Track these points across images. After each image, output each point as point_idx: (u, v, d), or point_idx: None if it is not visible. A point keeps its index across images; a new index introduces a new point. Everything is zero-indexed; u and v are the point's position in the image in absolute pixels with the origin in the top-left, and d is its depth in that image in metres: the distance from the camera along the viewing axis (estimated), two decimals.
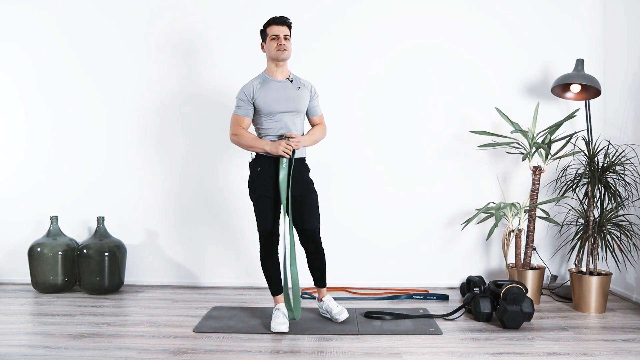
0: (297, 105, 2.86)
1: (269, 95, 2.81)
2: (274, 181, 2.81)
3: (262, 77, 2.87)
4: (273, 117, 2.82)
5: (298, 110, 2.87)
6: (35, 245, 3.58)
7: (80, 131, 3.83)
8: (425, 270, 3.79)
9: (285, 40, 2.81)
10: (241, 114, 2.84)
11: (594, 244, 3.25)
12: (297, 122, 2.88)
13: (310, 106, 2.97)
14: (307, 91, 2.93)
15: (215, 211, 3.80)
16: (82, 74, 3.81)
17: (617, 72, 3.64)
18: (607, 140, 3.60)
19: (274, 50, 2.81)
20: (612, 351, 2.52)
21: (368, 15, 3.76)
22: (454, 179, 3.78)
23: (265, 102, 2.80)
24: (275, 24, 2.82)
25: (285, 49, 2.81)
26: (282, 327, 2.75)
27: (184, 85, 3.78)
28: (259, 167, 2.84)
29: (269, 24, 2.84)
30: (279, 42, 2.80)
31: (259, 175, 2.83)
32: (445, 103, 3.77)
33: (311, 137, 2.94)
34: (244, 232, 3.78)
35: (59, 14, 3.80)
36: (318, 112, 3.03)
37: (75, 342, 2.61)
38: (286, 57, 2.84)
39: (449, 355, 2.46)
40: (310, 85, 2.99)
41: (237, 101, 2.85)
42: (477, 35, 3.77)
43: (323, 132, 3.03)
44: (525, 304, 2.86)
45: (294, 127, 2.85)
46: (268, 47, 2.84)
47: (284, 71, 2.89)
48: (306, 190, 2.89)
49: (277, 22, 2.83)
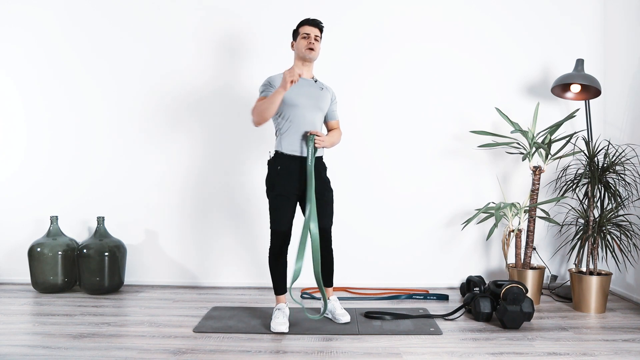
0: (320, 103, 2.90)
1: (295, 88, 2.84)
2: (294, 181, 2.82)
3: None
4: (296, 108, 2.84)
5: (320, 108, 2.91)
6: (35, 245, 3.58)
7: (80, 131, 3.83)
8: (425, 270, 3.79)
9: (315, 40, 2.87)
10: (263, 95, 2.84)
11: (594, 244, 3.25)
12: (317, 119, 2.91)
13: (329, 110, 3.02)
14: (328, 94, 2.98)
15: (215, 211, 3.80)
16: (82, 73, 3.81)
17: (617, 72, 3.64)
18: (607, 140, 3.61)
19: (303, 49, 2.86)
20: (612, 351, 2.52)
21: (368, 17, 3.76)
22: (454, 179, 3.78)
23: (291, 95, 2.83)
24: (309, 24, 2.88)
25: (314, 48, 2.86)
26: (282, 327, 2.75)
27: (184, 85, 3.78)
28: (278, 165, 2.84)
29: (302, 24, 2.89)
30: (309, 40, 2.85)
31: (279, 174, 2.83)
32: (445, 103, 3.77)
33: (330, 138, 2.97)
34: (245, 232, 3.78)
35: (58, 14, 3.80)
36: (336, 117, 3.07)
37: (75, 342, 2.61)
38: (313, 57, 2.88)
39: (449, 355, 2.46)
40: (332, 90, 3.04)
41: (262, 87, 2.88)
42: (477, 36, 3.77)
43: (339, 137, 3.07)
44: (525, 304, 2.86)
45: (314, 123, 2.87)
46: (298, 45, 2.89)
47: (309, 71, 2.94)
48: (324, 188, 2.92)
49: (310, 22, 2.88)
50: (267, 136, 3.65)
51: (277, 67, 3.49)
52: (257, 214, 3.78)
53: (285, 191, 2.82)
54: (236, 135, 3.78)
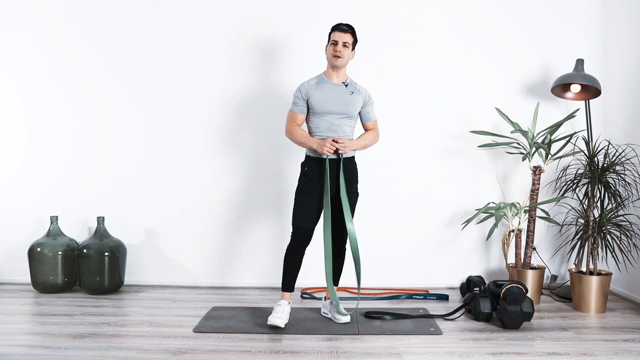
0: (347, 109, 2.92)
1: (322, 95, 2.89)
2: (319, 183, 2.89)
3: (319, 78, 2.97)
4: (323, 117, 2.89)
5: (348, 114, 2.93)
6: (35, 245, 3.58)
7: (80, 131, 3.83)
8: (425, 270, 3.79)
9: (344, 47, 2.88)
10: (296, 111, 2.94)
11: (594, 244, 3.25)
12: (346, 125, 2.93)
13: (363, 112, 3.03)
14: (360, 97, 2.98)
15: (216, 211, 3.80)
16: (83, 73, 3.81)
17: (617, 72, 3.64)
18: (607, 140, 3.60)
19: (330, 55, 2.90)
20: (612, 351, 2.52)
21: (368, 18, 3.76)
22: (454, 179, 3.78)
23: (317, 102, 2.88)
24: (338, 30, 2.90)
25: (340, 56, 2.88)
26: (278, 320, 2.77)
27: (185, 86, 3.78)
28: (306, 167, 2.93)
29: (333, 30, 2.92)
30: (336, 47, 2.87)
31: (306, 174, 2.92)
32: (445, 103, 3.77)
33: (361, 141, 2.99)
34: (245, 232, 3.78)
35: (59, 13, 3.80)
36: (372, 118, 3.08)
37: (75, 342, 2.61)
38: (340, 64, 2.90)
39: (449, 355, 2.46)
40: (366, 91, 3.04)
41: (294, 98, 2.95)
42: (477, 36, 3.77)
43: (375, 138, 3.08)
44: (525, 304, 2.86)
45: (341, 130, 2.90)
46: (327, 51, 2.93)
47: (340, 75, 2.97)
48: (349, 190, 2.95)
49: (340, 28, 2.90)
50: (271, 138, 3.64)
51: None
52: (258, 214, 3.78)
53: (309, 189, 2.89)
54: (239, 137, 3.78)
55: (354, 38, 2.93)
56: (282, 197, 3.75)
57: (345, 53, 2.89)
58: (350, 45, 2.91)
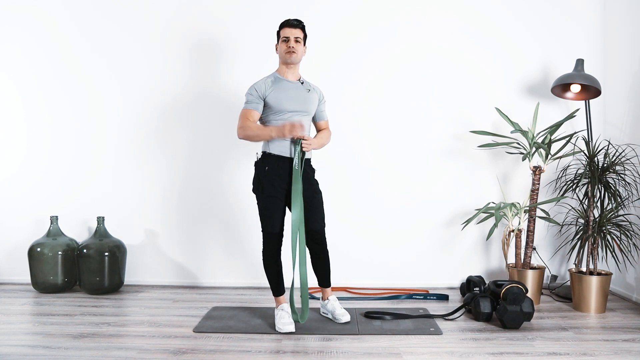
0: (307, 106, 2.89)
1: (281, 93, 2.83)
2: (282, 182, 2.80)
3: (274, 77, 2.90)
4: (283, 115, 2.83)
5: (308, 111, 2.90)
6: (35, 245, 3.58)
7: (80, 131, 3.83)
8: (425, 270, 3.79)
9: (296, 42, 2.82)
10: (251, 108, 2.83)
11: (594, 244, 3.25)
12: (306, 123, 2.89)
13: (317, 111, 3.00)
14: (316, 95, 2.96)
15: (216, 211, 3.80)
16: (82, 74, 3.81)
17: (617, 72, 3.64)
18: (607, 140, 3.60)
19: (284, 53, 2.83)
20: (612, 351, 2.52)
21: (368, 17, 3.76)
22: (454, 179, 3.78)
23: (277, 100, 2.82)
24: (288, 27, 2.83)
25: (294, 51, 2.81)
26: (289, 327, 2.75)
27: (186, 86, 3.78)
28: (266, 166, 2.81)
29: (282, 26, 2.85)
30: (289, 44, 2.81)
31: (266, 175, 2.81)
32: (445, 103, 3.77)
33: (319, 140, 2.96)
34: (245, 232, 3.78)
35: (58, 14, 3.80)
36: (325, 117, 3.06)
37: (75, 342, 2.61)
38: (294, 60, 2.84)
39: (449, 355, 2.46)
40: (319, 90, 3.02)
41: (247, 97, 2.85)
42: (477, 36, 3.77)
43: (329, 137, 3.05)
44: (525, 304, 2.86)
45: (301, 126, 2.84)
46: (279, 49, 2.87)
47: (294, 73, 2.91)
48: (313, 191, 2.89)
49: (289, 24, 2.83)
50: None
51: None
52: (256, 214, 3.77)
53: (275, 192, 2.80)
54: (236, 137, 3.78)
55: (304, 33, 2.87)
56: None
57: (299, 48, 2.83)
58: (302, 40, 2.85)
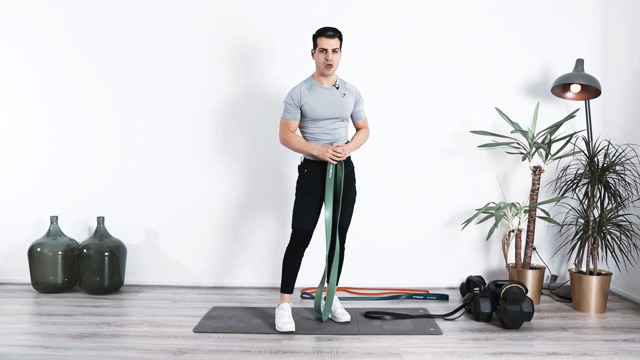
0: (341, 112, 2.90)
1: (316, 102, 2.85)
2: (319, 185, 2.87)
3: (310, 83, 2.90)
4: (317, 122, 2.87)
5: (342, 117, 2.91)
6: (35, 245, 3.58)
7: (80, 131, 3.82)
8: (425, 270, 3.79)
9: (334, 53, 2.82)
10: (289, 118, 2.89)
11: (594, 244, 3.25)
12: (341, 128, 2.92)
13: (354, 111, 3.01)
14: (352, 97, 2.96)
15: (216, 211, 3.80)
16: (83, 73, 3.81)
17: (617, 72, 3.64)
18: (607, 140, 3.60)
19: (322, 65, 2.84)
20: (612, 351, 2.52)
21: (368, 17, 3.76)
22: (454, 179, 3.78)
23: (312, 108, 2.84)
24: (325, 37, 2.81)
25: (332, 64, 2.82)
26: (290, 326, 2.76)
27: (186, 86, 3.78)
28: (305, 169, 2.90)
29: (319, 35, 2.84)
30: (327, 56, 2.81)
31: (305, 177, 2.89)
32: (445, 103, 3.77)
33: (355, 143, 3.00)
34: (245, 232, 3.78)
35: (60, 13, 3.79)
36: (362, 116, 3.07)
37: (75, 342, 2.61)
38: (332, 73, 2.87)
39: (449, 355, 2.46)
40: (356, 90, 3.02)
41: (285, 105, 2.89)
42: (477, 36, 3.77)
43: (366, 136, 3.08)
44: (525, 304, 2.86)
45: (337, 133, 2.89)
46: (316, 58, 2.87)
47: (330, 78, 2.92)
48: (348, 190, 2.96)
49: (327, 34, 2.81)
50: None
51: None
52: (258, 214, 3.78)
53: (309, 190, 2.88)
54: (239, 138, 3.78)
55: (341, 40, 2.87)
56: (282, 197, 3.75)
57: (336, 59, 2.84)
58: (339, 50, 2.86)
